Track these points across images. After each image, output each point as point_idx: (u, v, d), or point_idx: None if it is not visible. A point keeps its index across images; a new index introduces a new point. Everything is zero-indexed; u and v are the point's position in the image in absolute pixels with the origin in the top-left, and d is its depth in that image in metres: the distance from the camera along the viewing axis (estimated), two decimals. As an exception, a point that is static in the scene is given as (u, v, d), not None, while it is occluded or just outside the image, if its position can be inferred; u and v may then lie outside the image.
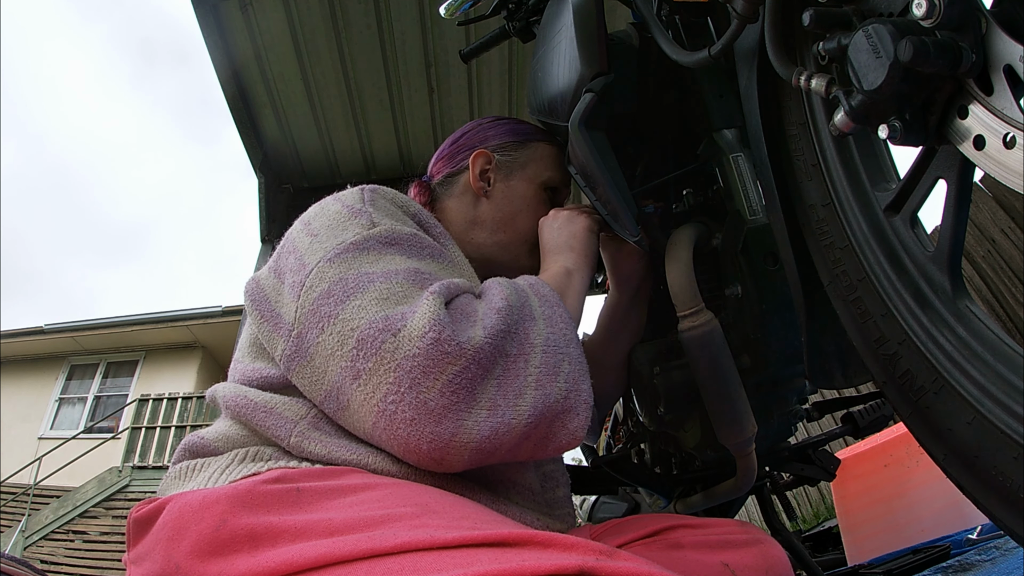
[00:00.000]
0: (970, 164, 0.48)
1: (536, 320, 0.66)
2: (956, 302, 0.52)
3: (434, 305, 0.60)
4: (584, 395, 0.64)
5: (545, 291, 0.72)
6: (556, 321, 0.68)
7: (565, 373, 0.63)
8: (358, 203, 0.73)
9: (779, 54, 0.59)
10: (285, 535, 0.50)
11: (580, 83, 0.86)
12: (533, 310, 0.68)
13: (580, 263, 0.84)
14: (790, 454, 1.16)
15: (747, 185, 0.85)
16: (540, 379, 0.61)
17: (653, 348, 1.02)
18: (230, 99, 2.66)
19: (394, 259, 0.67)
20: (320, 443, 0.63)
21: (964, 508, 1.49)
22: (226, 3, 2.35)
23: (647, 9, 0.87)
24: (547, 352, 0.64)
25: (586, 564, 0.40)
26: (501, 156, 0.98)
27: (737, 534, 0.74)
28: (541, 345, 0.64)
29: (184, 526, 0.53)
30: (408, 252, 0.69)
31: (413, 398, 0.56)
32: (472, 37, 2.51)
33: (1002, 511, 0.47)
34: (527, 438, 0.61)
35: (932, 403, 0.52)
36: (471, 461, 0.59)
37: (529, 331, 0.65)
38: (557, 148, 1.01)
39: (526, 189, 0.96)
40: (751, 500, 2.98)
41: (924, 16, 0.44)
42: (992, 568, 1.05)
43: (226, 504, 0.53)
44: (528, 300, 0.69)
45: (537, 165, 0.98)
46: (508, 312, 0.64)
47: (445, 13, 1.27)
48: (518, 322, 0.64)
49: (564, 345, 0.65)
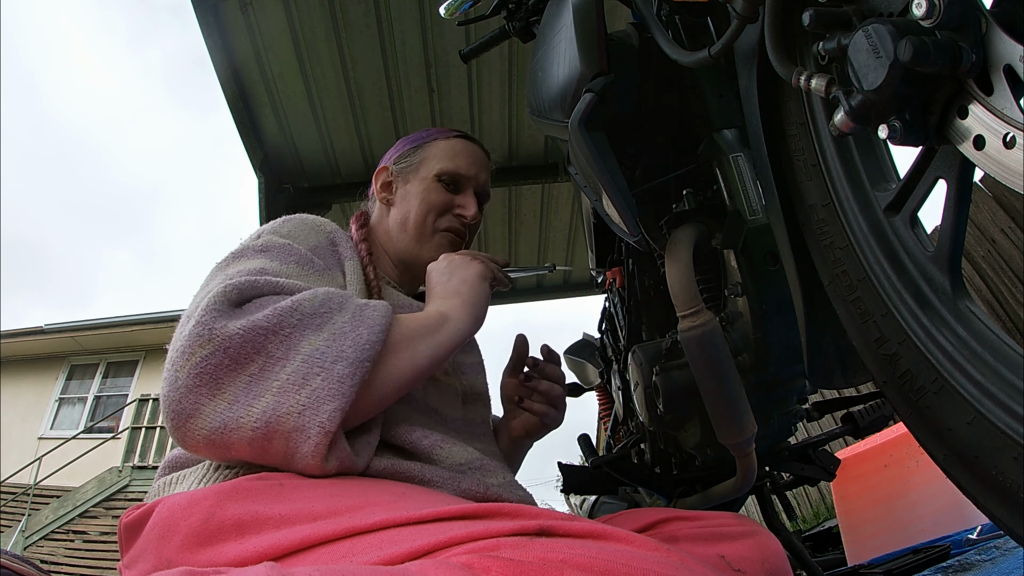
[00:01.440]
0: (970, 164, 0.48)
1: (319, 331, 0.63)
2: (956, 302, 0.52)
3: (214, 294, 0.62)
4: (322, 418, 0.58)
5: (372, 317, 0.67)
6: (346, 340, 0.63)
7: (311, 388, 0.59)
8: (267, 227, 0.83)
9: (779, 54, 0.59)
10: (270, 522, 0.52)
11: (580, 83, 0.86)
12: (326, 322, 0.64)
13: (461, 312, 0.78)
14: (790, 454, 1.16)
15: (747, 185, 0.85)
16: (283, 386, 0.59)
17: (653, 348, 1.02)
18: (230, 99, 2.66)
19: (251, 261, 0.72)
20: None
21: (964, 508, 1.49)
22: (226, 3, 2.35)
23: (647, 9, 0.87)
24: (306, 363, 0.60)
25: (545, 524, 0.44)
26: (397, 166, 1.02)
27: (733, 526, 0.74)
28: (305, 354, 0.61)
29: (174, 524, 0.55)
30: (270, 256, 0.74)
31: (170, 376, 0.60)
32: (472, 37, 2.51)
33: (1002, 511, 0.47)
34: (263, 445, 0.59)
35: (932, 403, 0.52)
36: (209, 452, 0.60)
37: (301, 338, 0.61)
38: (458, 141, 1.02)
39: (418, 186, 0.98)
40: (751, 500, 2.98)
41: (924, 16, 0.44)
42: (992, 568, 1.05)
43: (213, 499, 0.55)
44: (333, 314, 0.65)
45: (430, 162, 1.00)
46: (285, 313, 0.62)
47: (445, 13, 1.27)
48: (294, 326, 0.62)
49: (332, 362, 0.61)
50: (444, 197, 0.98)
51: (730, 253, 0.90)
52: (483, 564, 0.39)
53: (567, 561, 0.39)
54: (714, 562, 0.67)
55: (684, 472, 1.19)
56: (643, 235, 0.87)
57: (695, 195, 0.97)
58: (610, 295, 1.49)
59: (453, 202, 0.99)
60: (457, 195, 0.99)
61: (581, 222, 3.36)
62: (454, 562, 0.40)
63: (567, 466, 1.29)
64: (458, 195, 0.99)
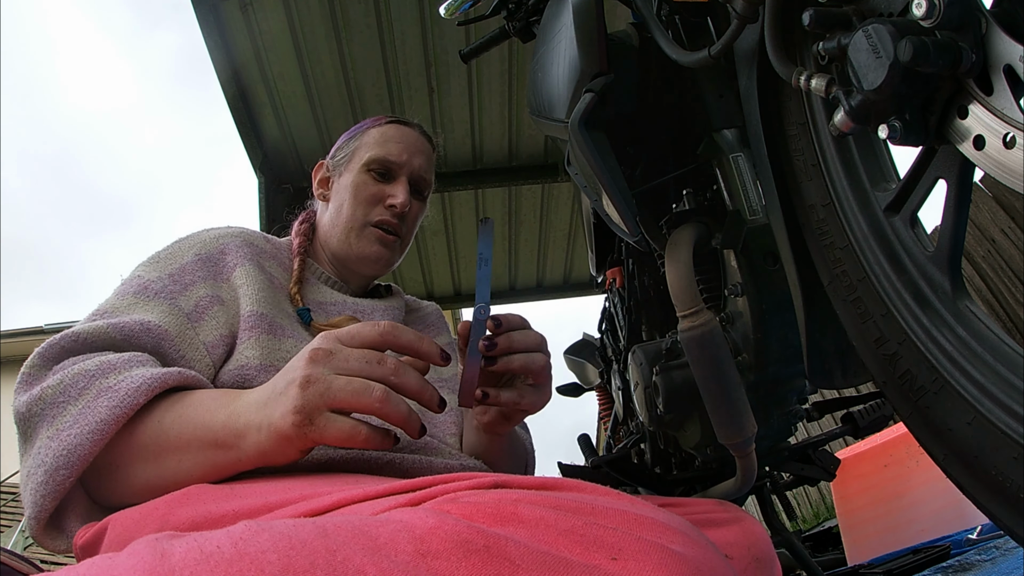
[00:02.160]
0: (970, 164, 0.48)
1: (50, 424, 0.59)
2: (956, 302, 0.52)
3: (28, 360, 0.65)
4: (31, 522, 0.59)
5: (94, 412, 0.58)
6: (56, 442, 0.58)
7: (28, 490, 0.59)
8: (154, 252, 0.82)
9: (779, 54, 0.59)
10: (225, 519, 0.51)
11: (580, 83, 0.86)
12: (58, 414, 0.59)
13: (262, 436, 0.56)
14: (790, 454, 1.16)
15: (747, 185, 0.85)
16: (24, 479, 0.61)
17: (653, 348, 1.02)
18: (230, 99, 2.66)
19: (110, 296, 0.74)
20: None
21: (964, 508, 1.49)
22: (226, 3, 2.35)
23: (647, 9, 0.87)
24: (33, 459, 0.59)
25: (500, 479, 0.45)
26: (333, 159, 0.99)
27: (718, 512, 0.74)
28: (34, 451, 0.59)
29: (129, 536, 0.54)
30: (117, 292, 0.75)
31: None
32: (472, 37, 2.51)
33: (1002, 511, 0.47)
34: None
35: (932, 403, 0.52)
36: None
37: (37, 431, 0.60)
38: (389, 127, 0.98)
39: (349, 178, 0.94)
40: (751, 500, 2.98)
41: (924, 16, 0.44)
42: (992, 568, 1.05)
43: (164, 508, 0.54)
44: (68, 404, 0.59)
45: (361, 151, 0.95)
46: (33, 401, 0.61)
47: (445, 13, 1.27)
48: (36, 416, 0.60)
49: (37, 466, 0.58)
50: (372, 188, 0.93)
51: (730, 253, 0.90)
52: (443, 508, 0.40)
53: (520, 499, 0.41)
54: None
55: (684, 472, 1.19)
56: (643, 235, 0.87)
57: (695, 195, 0.97)
58: (610, 295, 1.49)
59: (383, 192, 0.93)
60: (387, 184, 0.94)
61: (581, 222, 3.36)
62: (419, 509, 0.41)
63: (567, 466, 1.29)
64: (388, 184, 0.94)
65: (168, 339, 0.69)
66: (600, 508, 0.42)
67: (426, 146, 0.99)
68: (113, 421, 0.57)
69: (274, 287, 0.82)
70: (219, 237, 0.83)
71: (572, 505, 0.41)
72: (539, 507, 0.40)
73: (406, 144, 0.96)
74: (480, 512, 0.40)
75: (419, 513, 0.39)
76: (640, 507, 0.43)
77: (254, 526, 0.36)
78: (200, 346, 0.72)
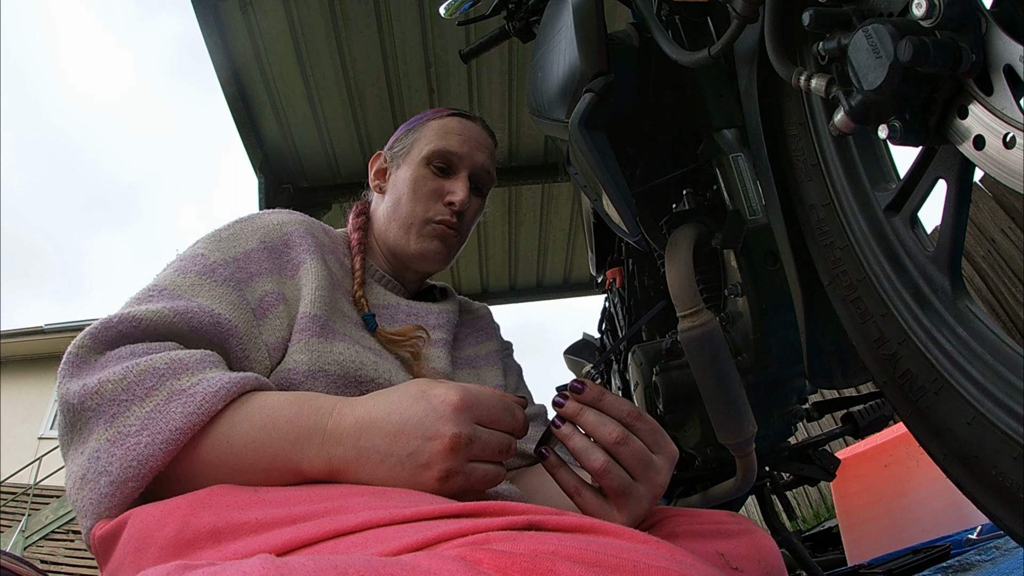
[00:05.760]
0: (970, 164, 0.48)
1: (109, 425, 0.56)
2: (956, 302, 0.52)
3: (75, 341, 0.60)
4: (87, 523, 0.56)
5: (168, 418, 0.55)
6: (122, 447, 0.55)
7: (83, 495, 0.56)
8: (213, 229, 0.79)
9: (779, 54, 0.59)
10: (247, 528, 0.50)
11: (580, 83, 0.86)
12: (119, 414, 0.56)
13: (359, 465, 0.56)
14: (790, 454, 1.16)
15: (747, 185, 0.85)
16: (73, 480, 0.57)
17: (653, 348, 1.02)
18: (230, 99, 2.66)
19: (163, 272, 0.70)
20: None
21: (964, 508, 1.49)
22: (226, 3, 2.35)
23: (647, 9, 0.87)
24: (89, 461, 0.56)
25: (534, 519, 0.43)
26: (391, 151, 0.96)
27: (729, 523, 0.74)
28: (90, 452, 0.56)
29: (148, 536, 0.53)
30: (176, 268, 0.70)
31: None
32: (472, 37, 2.51)
33: (1002, 511, 0.47)
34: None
35: (932, 403, 0.52)
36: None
37: (92, 430, 0.56)
38: (451, 119, 0.94)
39: (408, 172, 0.91)
40: (751, 500, 2.98)
41: (924, 16, 0.44)
42: (992, 568, 1.05)
43: (186, 508, 0.53)
44: (132, 404, 0.55)
45: (420, 144, 0.92)
46: (89, 394, 0.56)
47: (445, 13, 1.27)
48: (92, 411, 0.56)
49: (98, 474, 0.55)
50: (432, 183, 0.90)
51: (730, 253, 0.90)
52: (475, 556, 0.38)
53: (558, 552, 0.39)
54: (713, 559, 0.67)
55: (684, 472, 1.19)
56: (643, 235, 0.87)
57: (695, 195, 0.97)
58: (610, 295, 1.49)
59: (443, 188, 0.90)
60: (447, 179, 0.90)
61: (581, 222, 3.36)
62: (447, 554, 0.39)
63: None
64: (448, 179, 0.90)
65: (236, 336, 0.66)
66: (643, 567, 0.39)
67: (488, 141, 0.96)
68: (188, 429, 0.54)
69: (333, 284, 0.78)
70: (282, 224, 0.80)
71: (613, 562, 0.39)
72: (578, 565, 0.38)
73: (467, 137, 0.92)
74: (514, 567, 0.37)
75: (447, 564, 0.37)
76: (682, 562, 0.41)
77: (271, 566, 0.34)
78: (263, 347, 0.68)
